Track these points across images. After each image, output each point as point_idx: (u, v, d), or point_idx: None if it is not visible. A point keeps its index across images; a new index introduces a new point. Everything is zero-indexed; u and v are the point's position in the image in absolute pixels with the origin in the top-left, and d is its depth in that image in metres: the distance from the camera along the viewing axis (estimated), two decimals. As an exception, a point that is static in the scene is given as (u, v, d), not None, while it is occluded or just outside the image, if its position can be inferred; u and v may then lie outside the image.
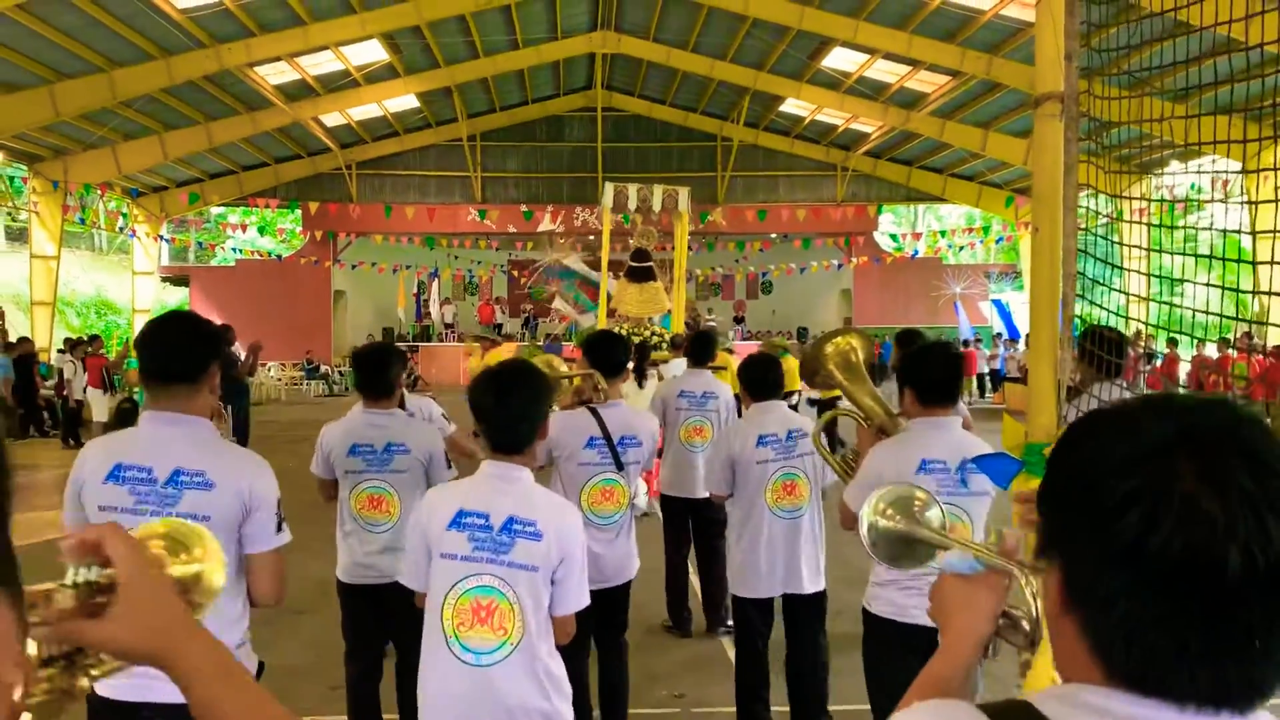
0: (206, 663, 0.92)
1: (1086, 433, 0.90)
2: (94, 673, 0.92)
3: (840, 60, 21.27)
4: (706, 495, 5.76)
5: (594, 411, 4.22)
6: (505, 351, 13.44)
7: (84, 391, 16.34)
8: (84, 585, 0.88)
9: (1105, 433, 0.87)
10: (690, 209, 14.53)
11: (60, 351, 17.74)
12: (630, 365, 8.42)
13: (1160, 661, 0.80)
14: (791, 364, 15.68)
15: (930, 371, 3.29)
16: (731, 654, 5.54)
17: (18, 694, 0.71)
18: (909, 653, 3.24)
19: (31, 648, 0.87)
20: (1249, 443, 0.81)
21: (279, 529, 2.58)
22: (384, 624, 4.07)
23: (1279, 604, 0.78)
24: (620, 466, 4.16)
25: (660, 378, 8.29)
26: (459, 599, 2.52)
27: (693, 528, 6.08)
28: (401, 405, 4.39)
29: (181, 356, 2.50)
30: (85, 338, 18.42)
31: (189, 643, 0.92)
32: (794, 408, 6.01)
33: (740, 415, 5.35)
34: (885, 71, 21.35)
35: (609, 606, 4.09)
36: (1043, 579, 0.93)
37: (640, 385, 7.93)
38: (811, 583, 4.24)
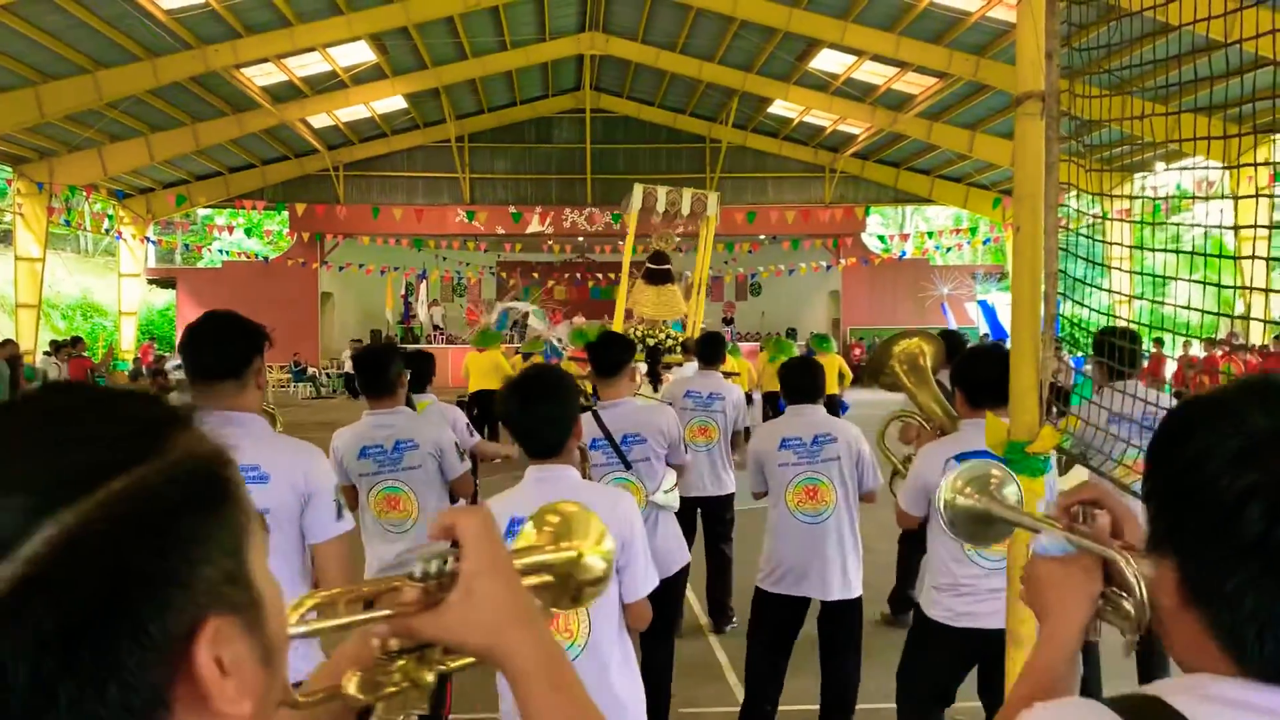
0: (536, 666, 0.87)
1: (1187, 426, 0.89)
2: (443, 666, 0.90)
3: (828, 62, 21.33)
4: (711, 494, 5.98)
5: (594, 413, 4.22)
6: (493, 353, 13.41)
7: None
8: (429, 577, 0.85)
9: (1209, 425, 0.86)
10: (719, 212, 14.45)
11: (46, 354, 17.66)
12: (644, 367, 8.45)
13: None
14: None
15: (980, 373, 3.33)
16: (720, 654, 5.60)
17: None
18: (955, 657, 3.36)
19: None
20: None
21: (339, 515, 2.57)
22: None
23: None
24: (628, 465, 4.15)
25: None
26: None
27: (702, 528, 6.14)
28: (409, 404, 4.37)
29: (224, 353, 2.49)
30: (69, 340, 18.31)
31: (521, 643, 0.87)
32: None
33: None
34: (873, 73, 21.41)
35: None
36: (1155, 572, 0.92)
37: (655, 388, 7.94)
38: (834, 590, 4.20)
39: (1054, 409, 2.32)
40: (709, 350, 6.54)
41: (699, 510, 6.06)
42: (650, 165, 28.32)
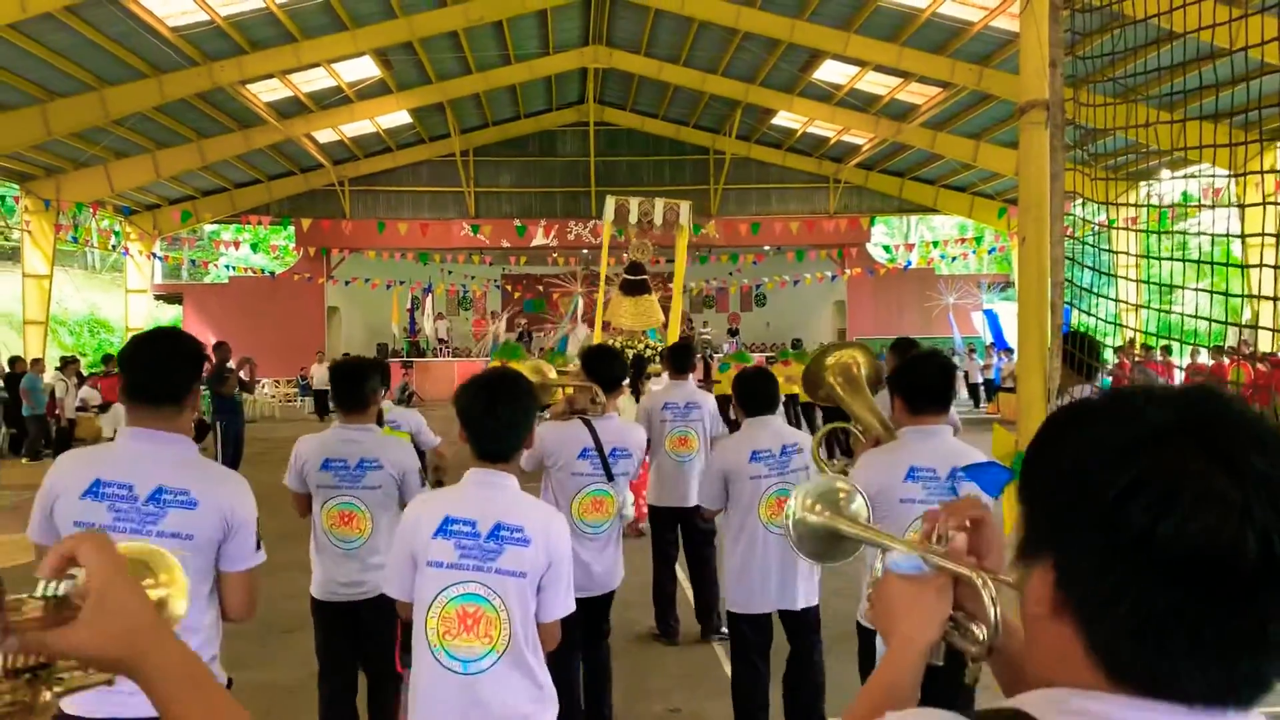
0: (175, 669, 0.90)
1: (1070, 423, 0.87)
2: (58, 688, 0.90)
3: (831, 73, 21.36)
4: (694, 504, 5.84)
5: (588, 423, 4.30)
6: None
7: (76, 410, 16.35)
8: (54, 598, 0.87)
9: (1094, 422, 0.84)
10: (690, 222, 14.50)
11: (56, 369, 17.75)
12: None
13: (1171, 657, 0.76)
14: (795, 370, 15.76)
15: (920, 379, 3.28)
16: (725, 665, 5.54)
17: None
18: None
19: None
20: (1252, 425, 0.79)
21: (257, 548, 2.58)
22: (359, 641, 4.03)
23: None
24: (611, 478, 4.24)
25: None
26: (444, 607, 2.50)
27: (682, 536, 6.17)
28: (378, 420, 4.36)
29: (167, 376, 2.47)
30: (76, 356, 18.46)
31: (157, 649, 0.90)
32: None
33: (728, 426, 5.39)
34: (876, 83, 21.44)
35: (594, 614, 4.19)
36: (1028, 578, 0.87)
37: (636, 400, 8.00)
38: (805, 599, 4.24)
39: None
40: (679, 360, 6.56)
41: (679, 521, 6.08)
42: (654, 177, 28.37)
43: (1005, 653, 1.14)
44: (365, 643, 3.98)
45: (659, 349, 11.54)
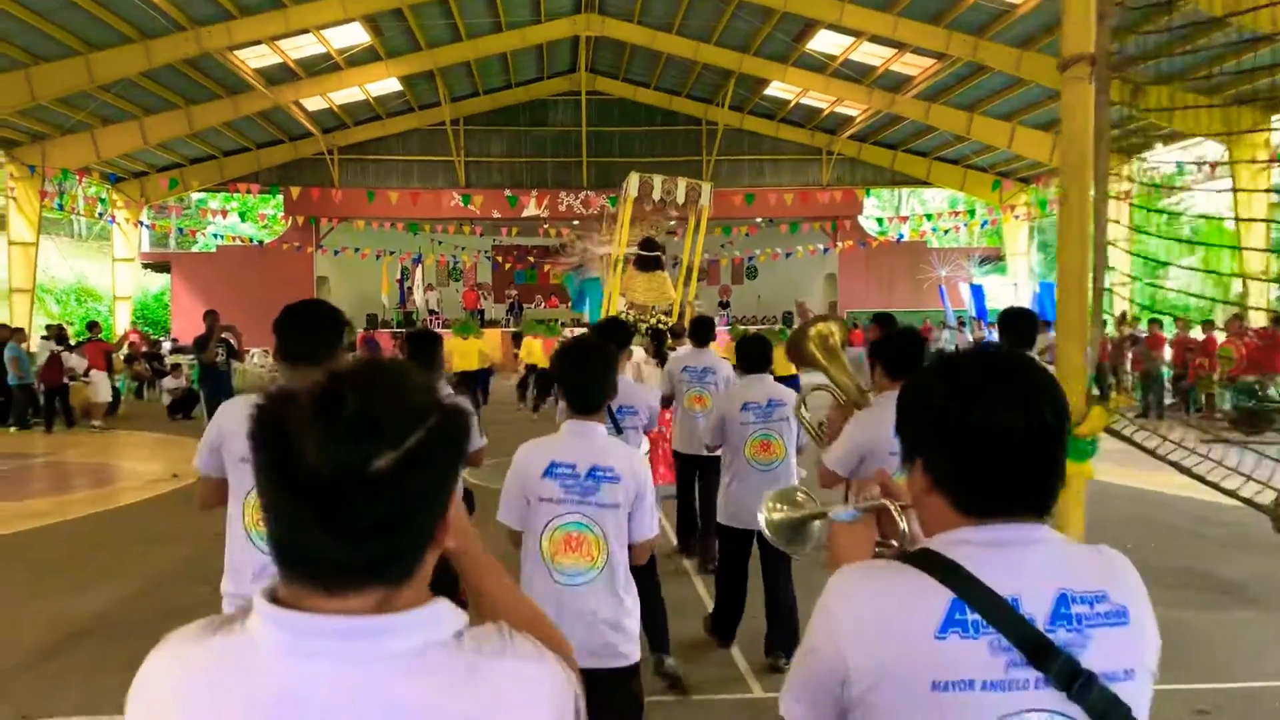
0: (481, 557, 1.39)
1: (923, 376, 1.38)
2: None
3: (826, 43, 21.22)
4: (707, 455, 6.73)
5: None
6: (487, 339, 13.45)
7: (68, 379, 16.27)
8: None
9: (932, 371, 1.37)
10: (710, 200, 14.49)
11: (43, 338, 17.58)
12: (641, 347, 9.17)
13: (985, 493, 1.27)
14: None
15: (897, 348, 3.78)
16: (709, 603, 5.77)
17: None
18: None
19: None
20: (1018, 361, 1.33)
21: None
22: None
23: (1051, 451, 1.26)
24: (620, 430, 4.94)
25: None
26: (554, 532, 3.08)
27: (700, 476, 7.13)
28: None
29: (309, 341, 2.89)
30: (63, 325, 18.33)
31: (474, 544, 1.38)
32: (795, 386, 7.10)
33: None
34: (871, 54, 21.32)
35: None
36: (910, 480, 1.36)
37: (660, 366, 8.64)
38: None
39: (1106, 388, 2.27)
40: (700, 332, 7.53)
41: (697, 465, 7.02)
42: (646, 148, 28.19)
43: None
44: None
45: (669, 323, 11.92)
